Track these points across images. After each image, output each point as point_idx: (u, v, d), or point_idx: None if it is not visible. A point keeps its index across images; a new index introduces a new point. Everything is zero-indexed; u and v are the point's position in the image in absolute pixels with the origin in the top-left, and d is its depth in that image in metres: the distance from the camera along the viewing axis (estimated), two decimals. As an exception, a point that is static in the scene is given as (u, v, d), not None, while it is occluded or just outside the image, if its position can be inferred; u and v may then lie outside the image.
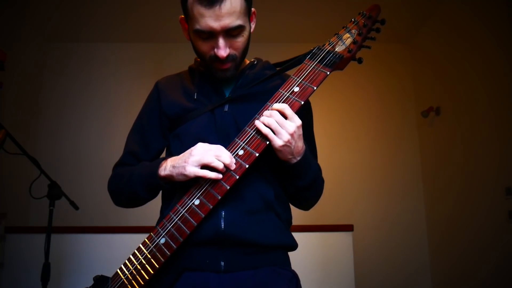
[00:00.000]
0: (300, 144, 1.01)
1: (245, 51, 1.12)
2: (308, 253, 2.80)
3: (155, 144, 1.20)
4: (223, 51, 1.05)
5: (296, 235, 1.14)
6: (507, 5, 2.62)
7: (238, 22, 1.03)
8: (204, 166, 0.98)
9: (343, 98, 3.94)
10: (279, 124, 0.98)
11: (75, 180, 3.54)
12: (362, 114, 3.91)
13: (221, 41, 1.04)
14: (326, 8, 3.44)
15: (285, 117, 0.99)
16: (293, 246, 1.11)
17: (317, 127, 1.26)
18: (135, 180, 1.09)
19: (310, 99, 1.10)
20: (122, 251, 2.70)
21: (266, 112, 1.00)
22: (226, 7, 1.00)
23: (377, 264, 3.61)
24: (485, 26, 2.86)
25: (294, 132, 0.98)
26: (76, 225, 2.99)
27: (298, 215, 1.14)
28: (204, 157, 0.97)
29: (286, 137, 0.97)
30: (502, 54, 2.68)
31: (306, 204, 1.21)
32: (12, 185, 3.31)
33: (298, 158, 1.03)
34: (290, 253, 1.14)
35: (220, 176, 0.97)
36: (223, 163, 0.97)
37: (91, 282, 1.02)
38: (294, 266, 1.14)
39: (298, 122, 0.99)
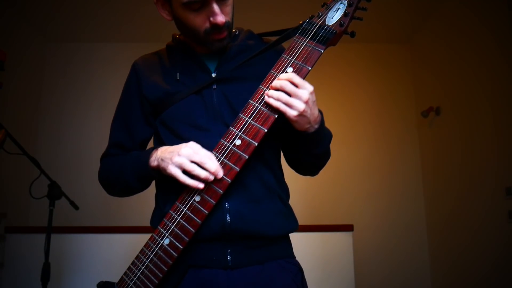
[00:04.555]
0: (316, 112, 0.97)
1: (233, 17, 1.07)
2: (308, 253, 2.80)
3: (140, 132, 1.14)
4: (221, 16, 0.99)
5: (296, 235, 1.14)
6: (507, 5, 2.62)
7: None
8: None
9: (343, 98, 3.93)
10: (291, 93, 0.92)
11: (75, 180, 3.53)
12: (362, 114, 3.91)
13: (216, 7, 0.99)
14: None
15: (295, 86, 0.93)
16: (296, 228, 1.09)
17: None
18: (126, 171, 1.06)
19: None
20: (122, 251, 2.70)
21: (275, 83, 0.93)
22: None
23: (377, 264, 3.61)
24: (485, 26, 2.86)
25: (308, 99, 0.92)
26: (76, 225, 2.99)
27: (298, 215, 1.13)
28: (187, 164, 0.93)
29: (301, 106, 0.92)
30: (502, 54, 2.68)
31: (317, 170, 1.17)
32: (12, 185, 3.31)
33: (316, 127, 0.98)
34: None
35: (201, 186, 0.92)
36: (208, 171, 0.92)
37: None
38: (294, 266, 1.14)
39: (310, 88, 0.94)
